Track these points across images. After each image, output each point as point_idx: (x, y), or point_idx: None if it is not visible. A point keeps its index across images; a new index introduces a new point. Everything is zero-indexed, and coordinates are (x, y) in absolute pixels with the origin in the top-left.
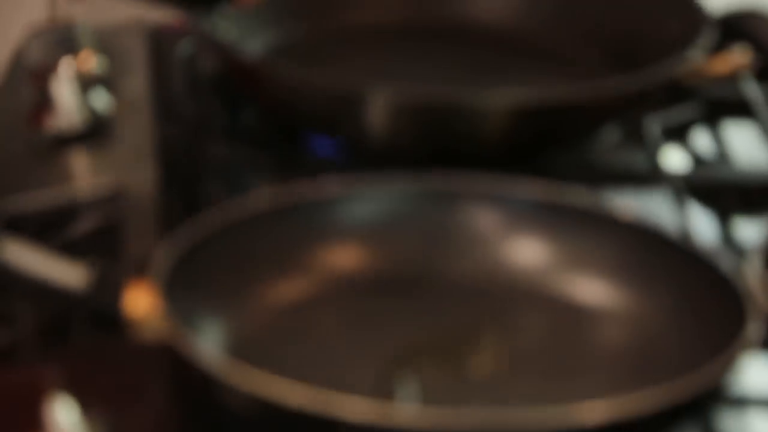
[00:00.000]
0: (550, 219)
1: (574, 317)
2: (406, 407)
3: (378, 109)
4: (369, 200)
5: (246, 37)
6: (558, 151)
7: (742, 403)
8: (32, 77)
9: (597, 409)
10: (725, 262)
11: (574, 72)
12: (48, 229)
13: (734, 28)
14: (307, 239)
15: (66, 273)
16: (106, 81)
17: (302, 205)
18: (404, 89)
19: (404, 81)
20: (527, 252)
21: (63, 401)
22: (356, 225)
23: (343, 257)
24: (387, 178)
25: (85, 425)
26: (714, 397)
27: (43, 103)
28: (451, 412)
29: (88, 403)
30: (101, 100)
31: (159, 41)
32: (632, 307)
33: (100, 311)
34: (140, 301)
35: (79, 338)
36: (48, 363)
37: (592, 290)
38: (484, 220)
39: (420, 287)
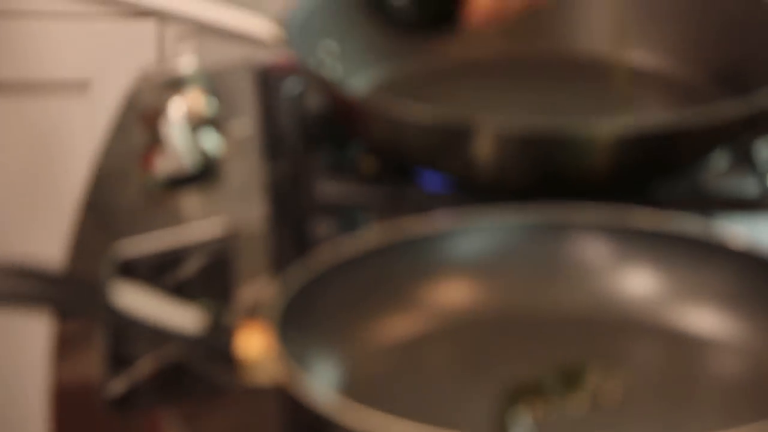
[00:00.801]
0: (661, 248)
1: (687, 348)
2: None
3: (485, 142)
4: (478, 234)
5: (351, 74)
6: (667, 178)
7: None
8: (143, 119)
9: None
10: None
11: (681, 98)
12: (161, 271)
13: None
14: (417, 275)
15: (180, 316)
16: (216, 121)
17: (412, 242)
18: (511, 121)
19: (509, 113)
20: (638, 282)
21: None
22: (467, 259)
23: (454, 292)
24: (495, 211)
25: None
26: None
27: (154, 145)
28: None
29: None
30: (211, 140)
31: (266, 80)
32: (746, 338)
33: (214, 354)
34: (253, 343)
35: (195, 382)
36: (165, 407)
37: (705, 321)
38: (593, 251)
39: (530, 320)
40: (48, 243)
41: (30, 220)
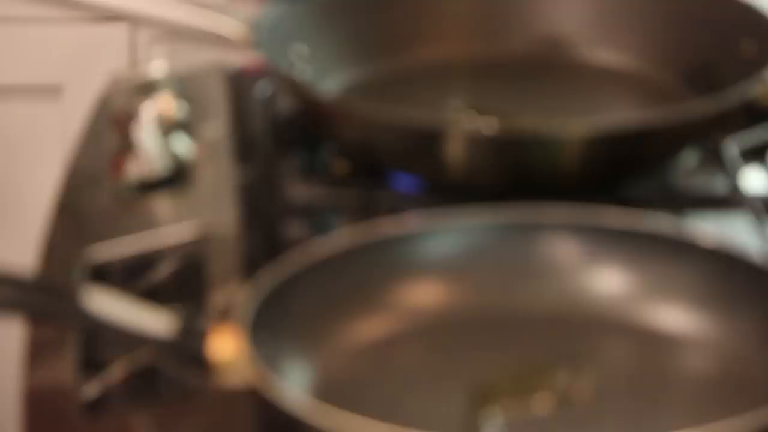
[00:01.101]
0: (631, 247)
1: (657, 345)
2: None
3: (456, 144)
4: (450, 235)
5: (322, 77)
6: (637, 177)
7: None
8: (114, 124)
9: None
10: None
11: (650, 98)
12: (133, 275)
13: None
14: (389, 276)
15: (152, 320)
16: (187, 125)
17: (383, 243)
18: (481, 122)
19: (479, 114)
20: (609, 281)
21: None
22: (438, 260)
23: (425, 293)
24: (467, 211)
25: None
26: None
27: (126, 149)
28: None
29: None
30: (182, 144)
31: (237, 83)
32: (716, 333)
33: (186, 357)
34: (225, 346)
35: (167, 385)
36: (137, 411)
37: (675, 317)
38: (564, 250)
39: (502, 320)
40: (19, 248)
41: (0, 226)
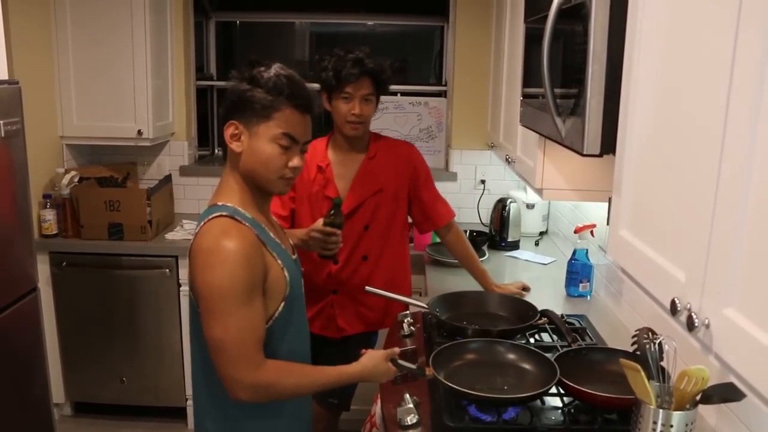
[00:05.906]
0: (514, 347)
1: (512, 365)
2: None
3: (472, 334)
4: (477, 343)
5: (441, 314)
6: (511, 337)
7: None
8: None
9: None
10: None
11: (506, 323)
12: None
13: (543, 313)
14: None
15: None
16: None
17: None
18: (482, 337)
19: (482, 331)
20: (509, 354)
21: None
22: (471, 350)
23: (466, 353)
24: (484, 340)
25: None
26: None
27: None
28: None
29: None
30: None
31: (425, 317)
32: (530, 366)
33: (414, 370)
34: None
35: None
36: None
37: (522, 361)
38: (501, 348)
39: (486, 363)
40: None
41: None
